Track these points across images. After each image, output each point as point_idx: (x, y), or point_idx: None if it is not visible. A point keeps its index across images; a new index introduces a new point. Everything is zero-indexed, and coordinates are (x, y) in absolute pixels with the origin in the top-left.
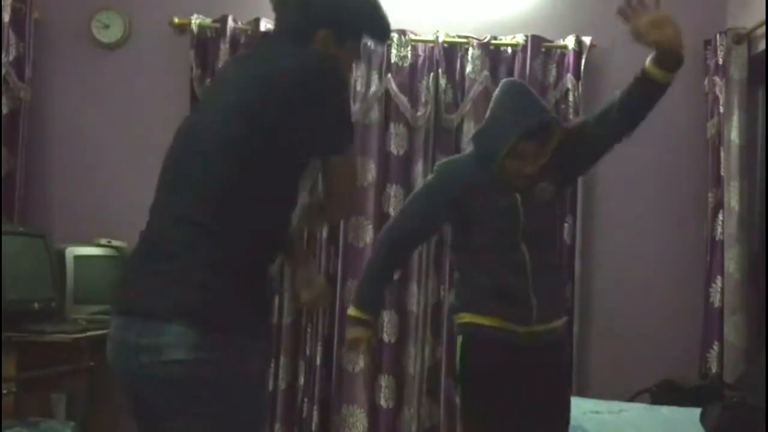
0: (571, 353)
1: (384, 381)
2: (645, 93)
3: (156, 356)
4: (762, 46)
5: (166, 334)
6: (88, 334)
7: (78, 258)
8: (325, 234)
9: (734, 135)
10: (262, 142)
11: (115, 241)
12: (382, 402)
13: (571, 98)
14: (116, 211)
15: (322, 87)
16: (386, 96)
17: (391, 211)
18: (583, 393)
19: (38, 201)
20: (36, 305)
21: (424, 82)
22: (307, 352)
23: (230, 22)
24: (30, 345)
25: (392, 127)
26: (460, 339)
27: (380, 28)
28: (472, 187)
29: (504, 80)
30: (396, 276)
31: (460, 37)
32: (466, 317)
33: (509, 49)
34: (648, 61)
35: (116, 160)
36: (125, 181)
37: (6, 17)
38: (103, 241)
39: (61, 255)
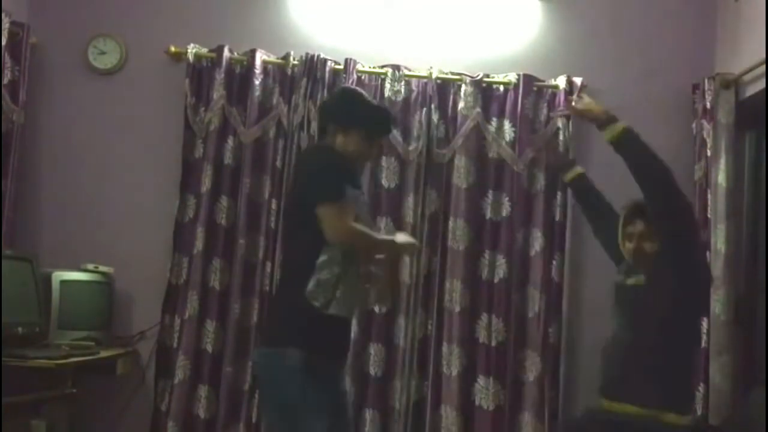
0: (558, 390)
1: (369, 415)
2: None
3: None
4: (749, 92)
5: None
6: (71, 360)
7: (64, 283)
8: None
9: (721, 178)
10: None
11: (103, 266)
12: None
13: (561, 137)
14: (105, 237)
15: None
16: None
17: None
18: None
19: (27, 224)
20: (20, 329)
21: (417, 117)
22: None
23: (226, 53)
24: (11, 370)
25: (384, 160)
26: None
27: (378, 122)
28: None
29: None
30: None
31: (453, 73)
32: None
33: (501, 87)
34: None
35: (107, 186)
36: (115, 207)
37: (3, 41)
38: (91, 267)
39: (48, 279)
